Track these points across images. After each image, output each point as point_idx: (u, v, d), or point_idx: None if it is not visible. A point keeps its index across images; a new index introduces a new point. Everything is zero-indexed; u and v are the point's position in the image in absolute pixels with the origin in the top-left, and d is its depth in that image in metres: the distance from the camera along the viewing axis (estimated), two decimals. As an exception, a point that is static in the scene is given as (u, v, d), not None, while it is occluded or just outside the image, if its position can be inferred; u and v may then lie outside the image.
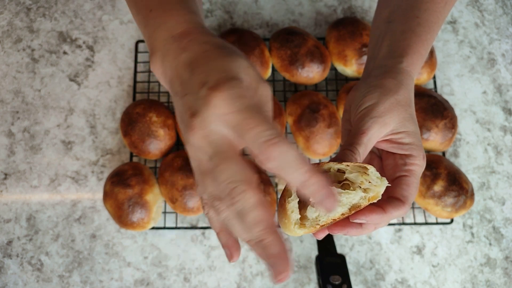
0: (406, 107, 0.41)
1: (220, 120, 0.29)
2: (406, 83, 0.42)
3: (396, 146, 0.41)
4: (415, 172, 0.40)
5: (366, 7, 0.86)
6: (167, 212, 0.74)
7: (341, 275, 0.65)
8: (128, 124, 0.73)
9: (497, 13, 0.86)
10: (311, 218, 0.35)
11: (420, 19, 0.46)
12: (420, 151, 0.41)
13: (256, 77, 0.32)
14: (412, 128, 0.41)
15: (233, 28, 0.79)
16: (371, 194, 0.35)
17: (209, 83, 0.30)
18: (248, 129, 0.28)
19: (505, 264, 0.73)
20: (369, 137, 0.39)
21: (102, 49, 0.83)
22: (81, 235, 0.74)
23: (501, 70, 0.83)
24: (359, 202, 0.35)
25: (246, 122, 0.29)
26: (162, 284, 0.71)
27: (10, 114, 0.79)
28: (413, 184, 0.40)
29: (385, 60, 0.45)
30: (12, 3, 0.85)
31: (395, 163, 0.41)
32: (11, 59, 0.82)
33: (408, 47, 0.44)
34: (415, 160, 0.40)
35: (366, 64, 0.49)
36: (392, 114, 0.40)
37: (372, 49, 0.48)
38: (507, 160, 0.78)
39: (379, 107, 0.40)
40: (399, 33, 0.46)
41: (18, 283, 0.71)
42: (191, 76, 0.32)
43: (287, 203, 0.34)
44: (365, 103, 0.41)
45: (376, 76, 0.43)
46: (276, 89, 0.81)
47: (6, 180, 0.76)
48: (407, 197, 0.39)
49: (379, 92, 0.41)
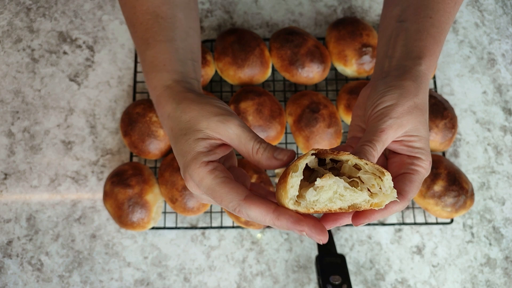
0: (423, 111, 0.42)
1: (201, 194, 0.40)
2: (425, 87, 0.43)
3: (406, 149, 0.42)
4: (420, 173, 0.40)
5: (366, 7, 0.86)
6: (167, 212, 0.74)
7: (341, 275, 0.65)
8: (128, 124, 0.73)
9: (497, 13, 0.86)
10: (308, 200, 0.34)
11: (433, 19, 0.46)
12: (428, 157, 0.41)
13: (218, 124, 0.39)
14: (424, 133, 0.41)
15: (233, 28, 0.79)
16: (376, 200, 0.35)
17: (181, 168, 0.40)
18: (218, 202, 0.37)
19: (505, 264, 0.73)
20: (387, 136, 0.40)
21: (102, 49, 0.83)
22: (81, 235, 0.74)
23: (501, 70, 0.83)
24: (360, 204, 0.35)
25: (214, 199, 0.37)
26: (162, 284, 0.71)
27: (10, 114, 0.79)
28: (416, 183, 0.40)
29: (403, 61, 0.45)
30: (12, 3, 0.85)
31: (402, 162, 0.42)
32: (11, 59, 0.82)
33: (425, 49, 0.45)
34: (422, 163, 0.41)
35: (380, 62, 0.49)
36: (409, 117, 0.40)
37: (385, 48, 0.48)
38: (507, 160, 0.78)
39: (398, 108, 0.40)
40: (414, 32, 0.46)
41: (18, 283, 0.71)
42: (173, 152, 0.42)
43: (290, 177, 0.34)
44: (385, 102, 0.41)
45: (395, 76, 0.43)
46: (276, 89, 0.81)
47: (6, 180, 0.76)
48: (407, 192, 0.39)
49: (399, 93, 0.41)
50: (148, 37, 0.46)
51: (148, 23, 0.47)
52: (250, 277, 0.72)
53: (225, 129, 0.38)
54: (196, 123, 0.39)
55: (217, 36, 0.83)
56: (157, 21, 0.47)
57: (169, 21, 0.48)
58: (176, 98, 0.42)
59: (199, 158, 0.37)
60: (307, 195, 0.34)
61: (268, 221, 0.35)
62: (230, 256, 0.73)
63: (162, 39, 0.46)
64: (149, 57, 0.46)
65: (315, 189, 0.34)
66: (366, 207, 0.35)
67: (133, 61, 0.82)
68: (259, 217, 0.35)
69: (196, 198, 0.41)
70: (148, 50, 0.46)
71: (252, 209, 0.35)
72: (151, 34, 0.47)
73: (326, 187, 0.34)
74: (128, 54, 0.83)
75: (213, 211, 0.75)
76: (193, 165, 0.37)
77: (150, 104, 0.74)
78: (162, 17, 0.47)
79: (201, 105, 0.40)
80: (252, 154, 0.38)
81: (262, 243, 0.74)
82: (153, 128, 0.72)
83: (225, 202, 0.36)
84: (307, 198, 0.34)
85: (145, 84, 0.48)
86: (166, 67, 0.45)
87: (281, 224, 0.35)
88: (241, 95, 0.74)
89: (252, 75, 0.76)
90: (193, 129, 0.39)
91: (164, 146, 0.74)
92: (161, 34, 0.47)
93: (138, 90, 0.80)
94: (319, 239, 0.35)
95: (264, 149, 0.38)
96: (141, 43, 0.47)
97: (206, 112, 0.39)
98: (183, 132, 0.39)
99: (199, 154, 0.38)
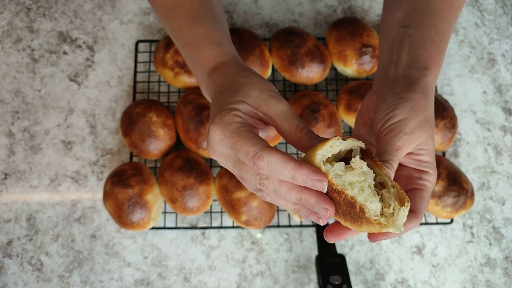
0: (432, 124, 0.42)
1: (221, 144, 0.38)
2: (431, 99, 0.43)
3: (414, 162, 0.42)
4: (428, 188, 0.41)
5: (366, 7, 0.86)
6: (167, 212, 0.74)
7: (341, 275, 0.65)
8: (128, 124, 0.73)
9: (497, 13, 0.86)
10: (333, 170, 0.34)
11: (437, 27, 0.47)
12: (435, 171, 0.42)
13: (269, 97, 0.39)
14: (432, 147, 0.42)
15: (233, 28, 0.79)
16: (382, 220, 0.34)
17: (211, 116, 0.39)
18: (238, 149, 0.36)
19: (505, 264, 0.73)
20: (401, 154, 0.40)
21: (102, 49, 0.83)
22: (81, 235, 0.74)
23: (501, 70, 0.83)
24: (369, 210, 0.34)
25: (235, 145, 0.36)
26: (162, 284, 0.71)
27: (10, 114, 0.79)
28: (426, 199, 0.41)
29: (409, 70, 0.45)
30: (12, 3, 0.85)
31: (410, 176, 0.42)
32: (11, 59, 0.82)
33: (431, 59, 0.45)
34: (430, 177, 0.41)
35: (384, 67, 0.48)
36: (421, 132, 0.41)
37: (389, 52, 0.48)
38: (507, 160, 0.78)
39: (410, 123, 0.40)
40: (418, 40, 0.46)
41: (18, 283, 0.71)
42: (212, 104, 0.42)
43: (336, 139, 0.34)
44: (397, 116, 0.41)
45: (404, 87, 0.43)
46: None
47: (6, 180, 0.76)
48: (420, 210, 0.40)
49: (410, 106, 0.41)
50: (197, 16, 0.48)
51: (192, 4, 0.49)
52: (250, 277, 0.72)
53: (276, 104, 0.39)
54: (251, 89, 0.40)
55: (217, 36, 0.83)
56: (200, 2, 0.49)
57: (210, 5, 0.50)
58: (241, 66, 0.44)
59: (235, 111, 0.38)
60: (336, 165, 0.34)
61: (288, 170, 0.34)
62: (230, 256, 0.73)
63: (210, 18, 0.48)
64: (202, 32, 0.47)
65: (346, 168, 0.34)
66: (370, 218, 0.34)
67: (133, 61, 0.82)
68: (280, 164, 0.34)
69: (210, 149, 0.40)
70: (200, 27, 0.47)
71: (274, 155, 0.34)
72: (200, 13, 0.48)
73: (356, 172, 0.34)
74: (128, 54, 0.83)
75: (213, 211, 0.75)
76: (226, 111, 0.38)
77: (150, 104, 0.74)
78: (205, 0, 0.49)
79: (261, 80, 0.41)
80: (295, 131, 0.38)
81: (262, 243, 0.74)
82: (153, 128, 0.72)
83: (246, 146, 0.35)
84: (334, 168, 0.34)
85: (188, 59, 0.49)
86: (223, 44, 0.47)
87: (302, 173, 0.33)
88: (241, 95, 0.73)
89: (252, 75, 0.76)
90: (245, 92, 0.40)
91: (164, 146, 0.74)
92: (208, 15, 0.49)
93: (138, 90, 0.80)
94: (326, 208, 0.35)
95: (308, 129, 0.38)
96: (188, 22, 0.48)
97: (263, 86, 0.40)
98: (234, 90, 0.40)
99: (236, 109, 0.38)
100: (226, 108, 0.38)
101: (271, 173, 0.35)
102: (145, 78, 0.81)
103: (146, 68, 0.82)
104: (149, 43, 0.83)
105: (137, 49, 0.82)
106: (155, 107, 0.74)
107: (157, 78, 0.81)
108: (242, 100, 0.39)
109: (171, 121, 0.75)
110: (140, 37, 0.84)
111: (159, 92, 0.80)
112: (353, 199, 0.34)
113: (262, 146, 0.35)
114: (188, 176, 0.69)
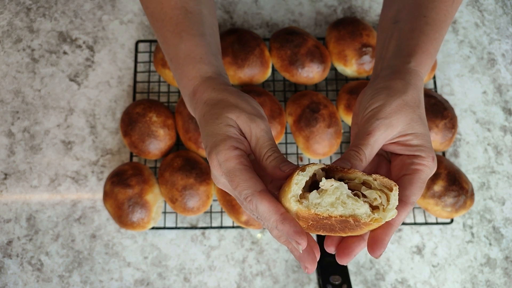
0: (415, 108, 0.40)
1: (220, 175, 0.39)
2: (414, 83, 0.42)
3: (404, 148, 0.40)
4: (421, 172, 0.39)
5: (366, 7, 0.86)
6: (167, 212, 0.74)
7: (341, 275, 0.65)
8: (128, 124, 0.73)
9: (497, 13, 0.86)
10: (311, 202, 0.34)
11: (428, 18, 0.45)
12: (430, 153, 0.40)
13: (247, 120, 0.40)
14: (420, 129, 0.40)
15: (233, 28, 0.79)
16: (376, 216, 0.34)
17: (207, 149, 0.40)
18: (233, 187, 0.37)
19: (505, 264, 0.73)
20: (376, 139, 0.39)
21: (102, 49, 0.83)
22: (81, 235, 0.74)
23: (501, 70, 0.83)
24: (361, 216, 0.34)
25: (231, 183, 0.37)
26: (162, 284, 0.71)
27: (10, 114, 0.79)
28: (417, 183, 0.39)
29: (392, 60, 0.44)
30: (12, 3, 0.85)
31: (402, 163, 0.41)
32: (11, 59, 0.82)
33: (417, 46, 0.44)
34: (423, 160, 0.39)
35: (374, 66, 0.48)
36: (399, 116, 0.39)
37: (380, 51, 0.48)
38: (507, 160, 0.78)
39: (385, 109, 0.39)
40: (406, 32, 0.45)
41: (18, 283, 0.71)
42: (202, 136, 0.43)
43: (296, 175, 0.34)
44: (372, 105, 0.40)
45: (383, 78, 0.43)
46: (276, 89, 0.81)
47: (6, 180, 0.76)
48: (408, 197, 0.38)
49: (386, 93, 0.40)
50: (181, 31, 0.47)
51: (178, 18, 0.48)
52: (250, 277, 0.72)
53: (253, 127, 0.39)
54: (229, 111, 0.40)
55: (217, 36, 0.83)
56: (186, 16, 0.48)
57: (198, 17, 0.49)
58: (217, 88, 0.44)
59: (229, 141, 0.38)
60: (310, 196, 0.34)
61: (273, 221, 0.35)
62: (230, 256, 0.73)
63: (195, 33, 0.48)
64: (184, 49, 0.47)
65: (319, 192, 0.34)
66: (366, 221, 0.34)
67: (133, 61, 0.82)
68: (266, 213, 0.35)
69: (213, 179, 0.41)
70: (182, 43, 0.47)
71: (263, 203, 0.35)
72: (183, 28, 0.48)
73: (329, 191, 0.34)
74: (128, 54, 0.83)
75: (213, 211, 0.75)
76: (222, 145, 0.38)
77: (150, 104, 0.74)
78: (191, 12, 0.48)
79: (238, 100, 0.42)
80: (262, 159, 0.39)
81: (262, 243, 0.74)
82: (153, 128, 0.72)
83: (240, 188, 0.36)
84: (310, 199, 0.34)
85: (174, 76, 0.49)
86: (203, 60, 0.46)
87: (284, 228, 0.35)
88: (241, 95, 0.73)
89: (252, 75, 0.76)
90: (225, 116, 0.40)
91: (164, 146, 0.74)
92: (193, 28, 0.48)
93: (138, 90, 0.80)
94: (306, 267, 0.37)
95: (274, 158, 0.38)
96: (173, 37, 0.48)
97: (240, 107, 0.41)
98: (215, 117, 0.40)
99: (229, 138, 0.39)
100: (219, 140, 0.39)
101: (259, 216, 0.37)
102: (145, 78, 0.81)
103: (146, 68, 0.82)
104: (149, 43, 0.83)
105: (137, 49, 0.82)
106: (155, 107, 0.74)
107: (157, 78, 0.81)
108: (227, 124, 0.40)
109: (171, 121, 0.75)
110: (140, 37, 0.84)
111: (159, 92, 0.80)
112: (343, 216, 0.34)
113: (254, 191, 0.36)
114: (188, 176, 0.69)
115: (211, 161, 0.39)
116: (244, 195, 0.36)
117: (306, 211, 0.34)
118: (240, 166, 0.37)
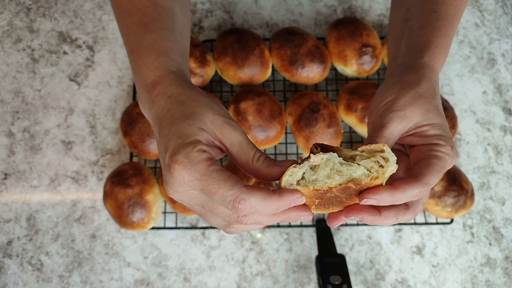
0: (430, 99, 0.40)
1: (187, 185, 0.34)
2: (428, 76, 0.41)
3: (421, 139, 0.40)
4: (440, 158, 0.38)
5: (366, 7, 0.86)
6: (167, 212, 0.74)
7: (341, 275, 0.65)
8: (128, 124, 0.73)
9: (497, 13, 0.86)
10: (308, 179, 0.34)
11: (438, 13, 0.45)
12: (448, 141, 0.39)
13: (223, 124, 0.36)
14: (437, 120, 0.39)
15: (233, 28, 0.79)
16: (375, 173, 0.34)
17: (169, 150, 0.35)
18: (212, 193, 0.33)
19: (505, 264, 0.73)
20: (390, 131, 0.38)
21: (102, 49, 0.83)
22: (81, 235, 0.74)
23: (501, 70, 0.83)
24: (360, 178, 0.34)
25: (208, 188, 0.33)
26: (162, 284, 0.71)
27: (10, 114, 0.79)
28: (434, 166, 0.37)
29: (405, 58, 0.44)
30: (12, 3, 0.85)
31: (420, 152, 0.40)
32: (11, 59, 0.82)
33: (429, 42, 0.43)
34: (441, 148, 0.38)
35: (388, 66, 0.48)
36: (413, 107, 0.39)
37: (392, 51, 0.48)
38: (507, 160, 0.78)
39: (399, 101, 0.39)
40: (418, 28, 0.45)
41: (18, 283, 0.71)
42: (159, 136, 0.37)
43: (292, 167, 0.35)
44: (385, 99, 0.40)
45: (396, 75, 0.43)
46: (276, 89, 0.81)
47: (6, 180, 0.76)
48: (424, 174, 0.36)
49: (399, 87, 0.40)
50: (148, 22, 0.44)
51: (147, 10, 0.44)
52: (250, 277, 0.72)
53: (230, 132, 0.36)
54: (204, 113, 0.36)
55: (217, 36, 0.83)
56: (156, 9, 0.45)
57: (168, 12, 0.45)
58: (183, 84, 0.39)
59: (199, 145, 0.34)
60: (306, 175, 0.34)
61: (272, 204, 0.33)
62: (230, 256, 0.73)
63: (163, 26, 0.44)
64: (149, 39, 0.43)
65: (313, 169, 0.34)
66: (367, 181, 0.34)
67: (133, 61, 0.82)
68: (263, 203, 0.33)
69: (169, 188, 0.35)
70: (148, 34, 0.43)
71: (255, 195, 0.33)
72: (151, 20, 0.44)
73: (322, 165, 0.34)
74: (128, 54, 0.83)
75: (213, 211, 0.75)
76: (190, 148, 0.34)
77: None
78: (161, 6, 0.45)
79: (210, 101, 0.38)
80: (252, 162, 0.36)
81: (262, 243, 0.74)
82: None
83: (223, 189, 0.33)
84: (306, 177, 0.34)
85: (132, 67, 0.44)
86: (169, 54, 0.42)
87: (284, 201, 0.33)
88: (241, 95, 0.74)
89: (252, 75, 0.76)
90: (199, 117, 0.36)
91: (164, 146, 0.74)
92: (161, 22, 0.44)
93: (138, 90, 0.80)
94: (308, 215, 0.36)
95: (265, 158, 0.36)
96: (137, 27, 0.44)
97: (214, 109, 0.37)
98: (186, 116, 0.36)
99: (199, 142, 0.35)
100: (187, 142, 0.34)
101: (254, 212, 0.33)
102: (145, 78, 0.81)
103: (146, 68, 0.82)
104: (149, 43, 0.83)
105: (137, 49, 0.82)
106: (155, 107, 0.74)
107: (157, 78, 0.81)
108: (200, 127, 0.36)
109: (171, 121, 0.75)
110: (140, 37, 0.84)
111: (159, 92, 0.80)
112: (342, 184, 0.34)
113: (240, 189, 0.33)
114: (188, 176, 0.69)
115: (176, 165, 0.34)
116: (230, 196, 0.33)
117: (306, 190, 0.34)
118: (213, 167, 0.34)
